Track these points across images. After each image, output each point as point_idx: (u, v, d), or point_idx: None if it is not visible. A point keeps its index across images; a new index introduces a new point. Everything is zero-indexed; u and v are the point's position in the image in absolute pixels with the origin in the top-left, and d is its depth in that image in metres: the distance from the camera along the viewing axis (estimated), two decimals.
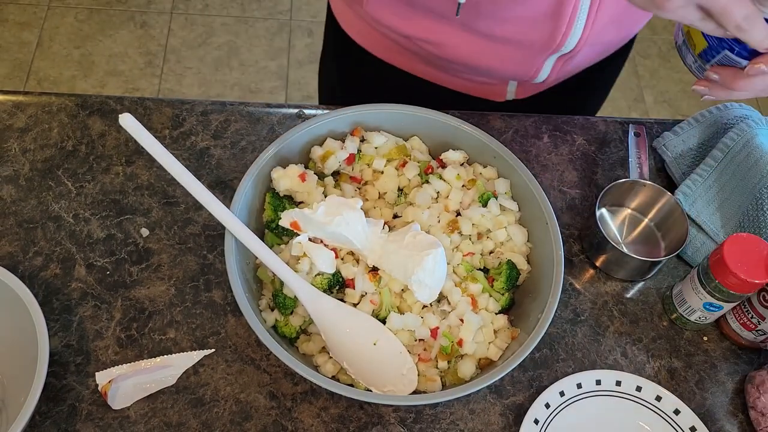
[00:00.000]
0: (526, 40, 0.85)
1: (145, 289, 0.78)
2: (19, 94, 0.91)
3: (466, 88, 0.99)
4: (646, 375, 0.79)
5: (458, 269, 0.77)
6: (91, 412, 0.71)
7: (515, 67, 0.90)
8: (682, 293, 0.80)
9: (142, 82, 2.19)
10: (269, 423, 0.72)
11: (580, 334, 0.81)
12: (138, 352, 0.75)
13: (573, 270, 0.85)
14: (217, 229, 0.83)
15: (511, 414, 0.75)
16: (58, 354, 0.74)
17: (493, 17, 0.83)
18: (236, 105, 0.92)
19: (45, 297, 0.77)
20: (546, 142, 0.94)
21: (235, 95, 2.19)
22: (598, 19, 0.82)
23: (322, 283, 0.73)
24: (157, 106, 0.91)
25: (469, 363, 0.72)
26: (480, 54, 0.89)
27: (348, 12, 0.98)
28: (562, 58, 0.88)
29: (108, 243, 0.81)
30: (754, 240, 0.74)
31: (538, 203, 0.78)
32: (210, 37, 2.31)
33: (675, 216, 0.85)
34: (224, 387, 0.74)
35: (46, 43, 2.23)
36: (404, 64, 0.98)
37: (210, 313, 0.78)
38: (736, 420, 0.78)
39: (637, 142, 0.90)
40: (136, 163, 0.86)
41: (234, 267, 0.70)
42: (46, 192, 0.83)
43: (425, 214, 0.78)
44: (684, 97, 2.36)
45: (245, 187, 0.76)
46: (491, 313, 0.76)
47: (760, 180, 0.84)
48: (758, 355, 0.82)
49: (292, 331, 0.74)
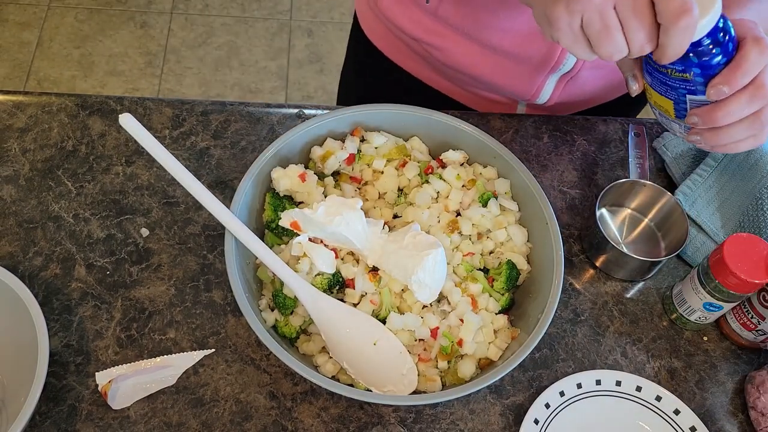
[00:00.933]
0: (524, 55, 0.85)
1: (145, 289, 0.78)
2: (19, 94, 0.91)
3: (478, 104, 1.00)
4: (646, 375, 0.79)
5: (458, 269, 0.77)
6: (91, 412, 0.71)
7: (516, 82, 0.90)
8: (682, 293, 0.80)
9: (142, 82, 2.19)
10: (269, 423, 0.72)
11: (580, 334, 0.81)
12: (138, 352, 0.75)
13: (573, 270, 0.85)
14: (217, 229, 0.83)
15: (511, 414, 0.75)
16: (58, 354, 0.74)
17: (493, 27, 0.84)
18: (236, 105, 0.92)
19: (45, 297, 0.77)
20: (546, 142, 0.94)
21: (235, 95, 2.19)
22: None
23: (322, 283, 0.73)
24: (157, 106, 0.91)
25: (469, 363, 0.72)
26: (482, 65, 0.89)
27: (369, 13, 0.99)
28: (564, 78, 0.88)
29: (108, 243, 0.81)
30: (754, 240, 0.74)
31: (538, 203, 0.78)
32: (210, 37, 2.31)
33: (675, 216, 0.85)
34: (224, 387, 0.74)
35: (46, 43, 2.23)
36: (417, 71, 0.99)
37: (210, 313, 0.78)
38: (736, 420, 0.78)
39: (637, 142, 0.90)
40: (136, 163, 0.86)
41: (234, 267, 0.70)
42: (46, 192, 0.83)
43: (425, 214, 0.78)
44: None
45: (245, 187, 0.76)
46: (491, 313, 0.76)
47: (760, 180, 0.84)
48: (758, 355, 0.82)
49: (292, 331, 0.74)
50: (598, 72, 0.88)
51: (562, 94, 0.92)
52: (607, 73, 0.90)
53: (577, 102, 0.97)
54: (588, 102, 0.99)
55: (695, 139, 0.66)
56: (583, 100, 0.97)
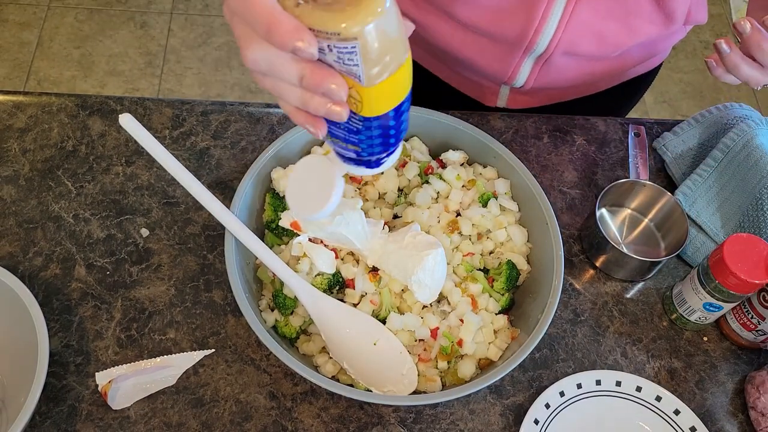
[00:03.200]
0: (499, 33, 0.85)
1: (145, 290, 0.78)
2: (19, 95, 0.91)
3: (462, 85, 1.00)
4: (646, 375, 0.79)
5: (458, 269, 0.77)
6: (91, 413, 0.71)
7: (493, 63, 0.90)
8: (682, 293, 0.80)
9: (142, 82, 2.19)
10: (269, 423, 0.72)
11: (580, 335, 0.81)
12: (138, 352, 0.75)
13: (573, 270, 0.85)
14: (217, 229, 0.83)
15: (511, 414, 0.75)
16: (58, 354, 0.74)
17: (471, 3, 0.84)
18: (236, 105, 0.92)
19: (45, 297, 0.77)
20: (546, 142, 0.94)
21: (235, 95, 2.19)
22: (573, 21, 0.82)
23: (322, 283, 0.73)
24: (157, 107, 0.91)
25: (469, 363, 0.72)
26: (461, 44, 0.89)
27: None
28: (539, 61, 0.88)
29: (108, 243, 0.81)
30: (754, 240, 0.74)
31: (538, 203, 0.78)
32: (210, 37, 2.31)
33: (675, 216, 0.84)
34: (224, 387, 0.74)
35: (46, 43, 2.23)
36: (414, 53, 0.99)
37: (210, 314, 0.78)
38: (736, 420, 0.78)
39: (637, 142, 0.90)
40: (136, 163, 0.86)
41: (234, 267, 0.70)
42: (46, 192, 0.83)
43: (425, 214, 0.78)
44: (684, 98, 2.36)
45: (245, 188, 0.76)
46: (491, 314, 0.76)
47: (760, 180, 0.84)
48: (758, 356, 0.82)
49: (292, 331, 0.74)
50: (571, 59, 0.88)
51: (539, 78, 0.91)
52: (580, 62, 0.89)
53: (555, 89, 0.97)
54: (567, 91, 0.99)
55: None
56: (561, 87, 0.96)
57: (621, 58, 0.92)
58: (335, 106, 0.47)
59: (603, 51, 0.87)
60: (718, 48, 0.65)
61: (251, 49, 0.47)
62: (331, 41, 0.44)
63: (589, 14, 0.82)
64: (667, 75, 2.40)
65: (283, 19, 0.44)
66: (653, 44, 0.93)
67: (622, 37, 0.86)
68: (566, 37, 0.83)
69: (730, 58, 0.64)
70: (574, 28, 0.82)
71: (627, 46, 0.87)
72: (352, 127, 0.51)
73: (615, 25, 0.84)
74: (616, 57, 0.91)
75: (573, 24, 0.82)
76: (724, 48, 0.64)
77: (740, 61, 0.64)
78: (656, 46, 0.95)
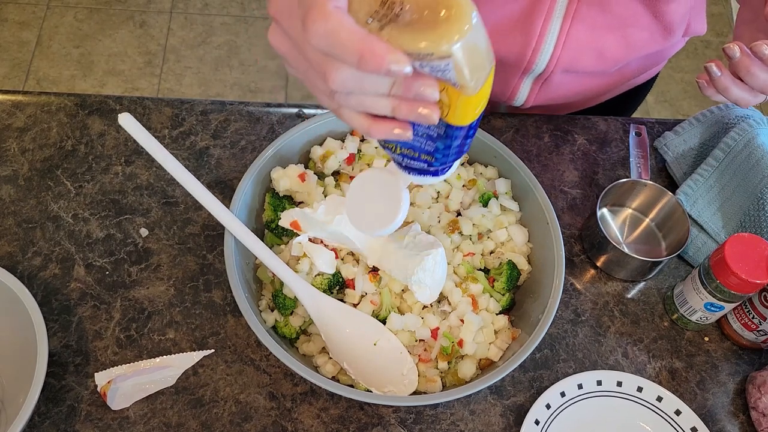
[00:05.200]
0: (497, 55, 0.85)
1: (145, 290, 0.78)
2: (18, 94, 0.90)
3: None
4: (647, 375, 0.79)
5: (459, 269, 0.77)
6: (90, 413, 0.71)
7: (492, 85, 0.90)
8: (683, 293, 0.80)
9: (142, 81, 2.19)
10: (269, 424, 0.72)
11: (580, 335, 0.81)
12: (137, 352, 0.74)
13: (574, 270, 0.85)
14: (217, 229, 0.82)
15: (512, 414, 0.75)
16: (57, 354, 0.74)
17: None
18: (236, 104, 0.92)
19: (44, 297, 0.77)
20: (547, 141, 0.94)
21: (234, 95, 2.19)
22: (570, 39, 0.82)
23: (322, 283, 0.73)
24: (156, 106, 0.91)
25: (470, 363, 0.72)
26: None
27: None
28: (538, 81, 0.88)
29: (107, 243, 0.81)
30: (756, 240, 0.73)
31: (538, 203, 0.78)
32: (210, 36, 2.31)
33: (676, 216, 0.84)
34: (224, 387, 0.74)
35: (45, 42, 2.23)
36: None
37: (210, 314, 0.77)
38: (737, 420, 0.77)
39: (638, 141, 0.90)
40: (135, 162, 0.86)
41: (234, 267, 0.70)
42: (45, 192, 0.83)
43: (425, 214, 0.77)
44: (685, 97, 2.36)
45: (245, 187, 0.76)
46: (492, 314, 0.75)
47: (761, 180, 0.83)
48: (759, 356, 0.82)
49: (292, 331, 0.73)
50: (570, 76, 0.88)
51: (538, 96, 0.92)
52: (580, 78, 0.90)
53: (554, 106, 0.97)
54: (566, 107, 1.00)
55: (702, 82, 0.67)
56: (560, 104, 0.97)
57: (621, 72, 0.92)
58: (424, 109, 0.46)
59: (603, 66, 0.88)
60: (709, 71, 0.65)
61: (338, 72, 0.45)
62: (423, 61, 0.43)
63: (586, 31, 0.82)
64: (668, 75, 2.40)
65: (375, 47, 0.42)
66: (653, 56, 0.93)
67: (621, 51, 0.86)
68: (566, 55, 0.84)
69: (721, 80, 0.65)
70: (572, 45, 0.83)
71: (626, 59, 0.88)
72: (432, 134, 0.50)
73: (613, 40, 0.84)
74: (616, 71, 0.91)
75: (571, 41, 0.82)
76: (714, 71, 0.65)
77: (730, 84, 0.65)
78: (655, 58, 0.95)
